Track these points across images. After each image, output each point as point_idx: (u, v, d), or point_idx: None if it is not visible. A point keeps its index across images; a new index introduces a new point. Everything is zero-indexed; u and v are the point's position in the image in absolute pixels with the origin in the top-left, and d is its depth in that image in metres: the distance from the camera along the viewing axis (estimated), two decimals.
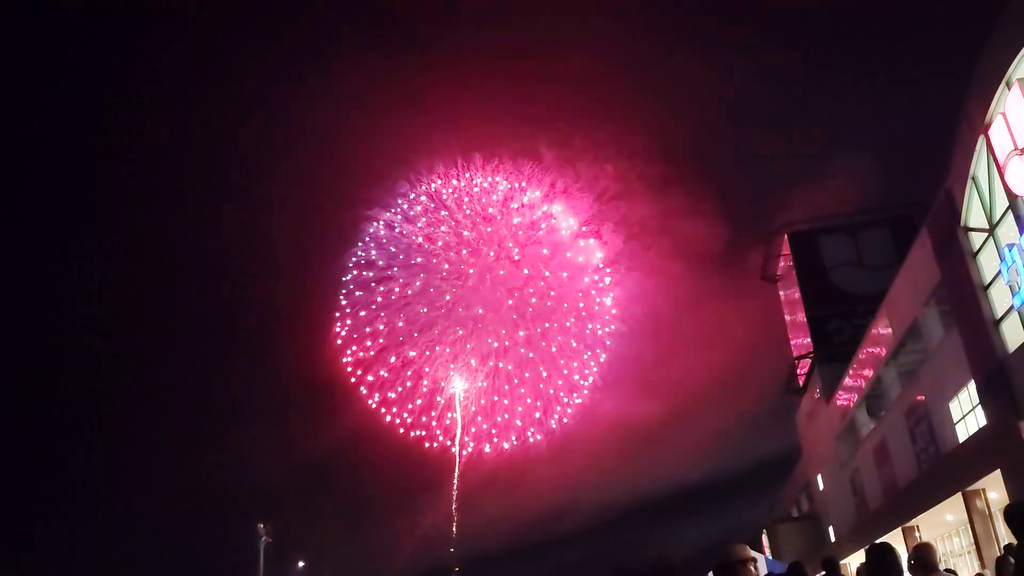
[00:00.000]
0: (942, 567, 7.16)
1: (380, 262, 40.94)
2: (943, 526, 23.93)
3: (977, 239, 18.91)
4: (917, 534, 24.08)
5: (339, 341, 41.50)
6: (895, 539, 25.24)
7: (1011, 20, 15.98)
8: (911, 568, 6.57)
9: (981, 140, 17.54)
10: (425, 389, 42.10)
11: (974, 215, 18.86)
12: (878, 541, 6.32)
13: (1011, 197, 16.82)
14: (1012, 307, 17.10)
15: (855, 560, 27.07)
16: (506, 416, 41.84)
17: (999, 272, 17.36)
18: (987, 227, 18.29)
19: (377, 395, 41.93)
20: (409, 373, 41.78)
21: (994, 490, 18.82)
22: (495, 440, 42.36)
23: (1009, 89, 16.21)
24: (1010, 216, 17.03)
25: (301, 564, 54.38)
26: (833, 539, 36.44)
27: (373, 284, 41.09)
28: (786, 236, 41.97)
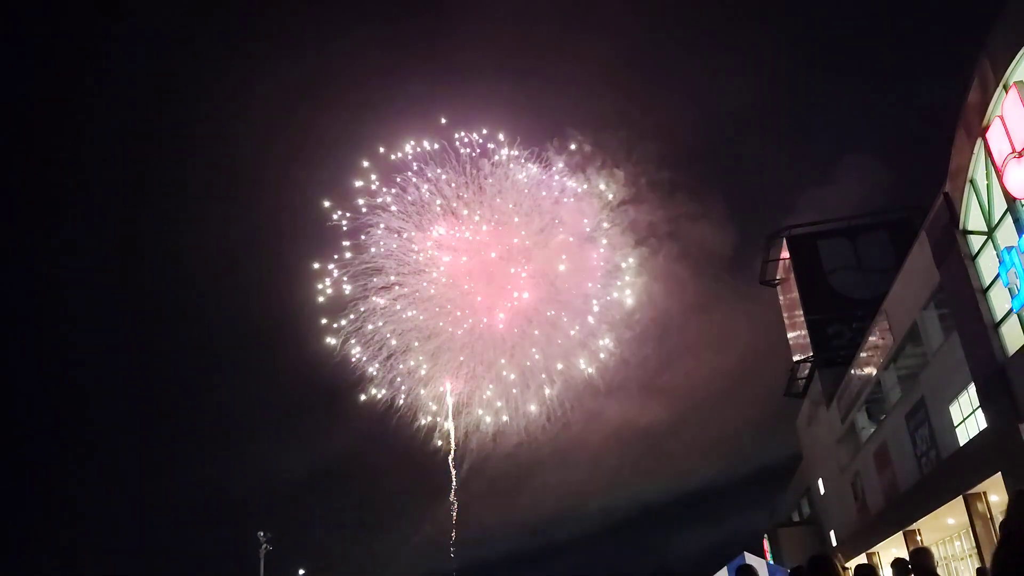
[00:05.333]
0: (942, 572, 7.17)
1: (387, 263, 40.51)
2: (944, 530, 23.88)
3: (976, 242, 18.92)
4: (919, 538, 24.05)
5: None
6: (896, 543, 25.22)
7: (1008, 23, 16.03)
8: (900, 571, 6.58)
9: (979, 143, 17.57)
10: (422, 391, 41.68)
11: (972, 218, 18.88)
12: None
13: (1009, 200, 16.84)
14: (1011, 310, 17.10)
15: (854, 564, 26.99)
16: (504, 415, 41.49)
17: (998, 275, 17.36)
18: (985, 230, 18.31)
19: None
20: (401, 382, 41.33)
21: (995, 493, 18.79)
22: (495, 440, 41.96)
23: (1007, 92, 16.24)
24: (1008, 219, 17.05)
25: (302, 572, 54.27)
26: (835, 543, 36.38)
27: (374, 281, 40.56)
28: (785, 240, 41.99)
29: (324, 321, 39.21)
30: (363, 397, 39.88)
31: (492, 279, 39.64)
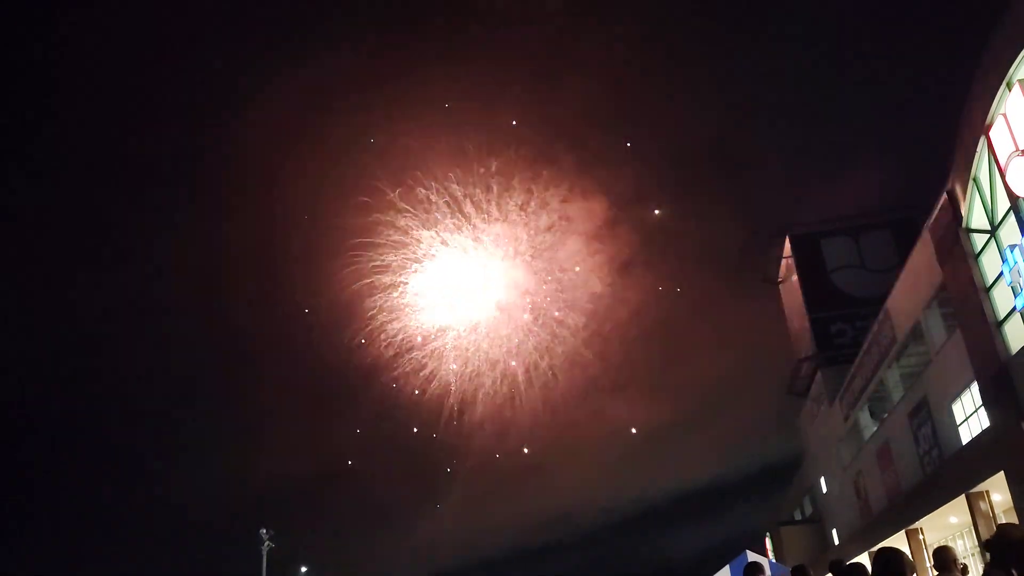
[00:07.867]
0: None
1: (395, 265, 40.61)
2: (947, 528, 23.87)
3: (979, 240, 18.89)
4: (921, 537, 24.03)
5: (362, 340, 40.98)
6: (899, 542, 25.20)
7: (1011, 21, 15.98)
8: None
9: (982, 141, 17.53)
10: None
11: (976, 216, 18.85)
12: (886, 545, 6.29)
13: (1012, 198, 16.80)
14: (1014, 308, 17.06)
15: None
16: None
17: (1001, 273, 17.34)
18: (989, 228, 18.28)
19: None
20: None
21: (998, 492, 18.78)
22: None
23: (1010, 90, 16.20)
24: (1012, 217, 17.01)
25: (304, 570, 54.37)
26: (837, 542, 36.36)
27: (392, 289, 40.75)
28: (788, 238, 41.93)
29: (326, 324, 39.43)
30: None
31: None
